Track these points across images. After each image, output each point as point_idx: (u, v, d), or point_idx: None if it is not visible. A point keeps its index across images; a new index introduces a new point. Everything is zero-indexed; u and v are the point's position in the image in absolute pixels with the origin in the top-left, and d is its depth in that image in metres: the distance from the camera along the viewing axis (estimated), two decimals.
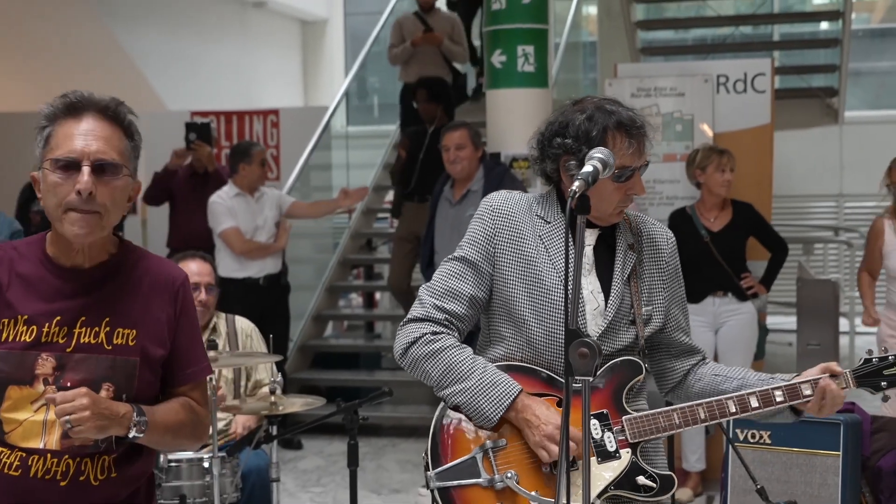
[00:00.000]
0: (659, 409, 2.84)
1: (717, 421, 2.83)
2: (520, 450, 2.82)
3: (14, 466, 2.40)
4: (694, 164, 6.25)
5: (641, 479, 2.81)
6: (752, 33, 11.59)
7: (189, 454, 4.48)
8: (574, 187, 2.45)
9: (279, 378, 4.83)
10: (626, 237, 2.94)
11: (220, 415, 4.53)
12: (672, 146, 6.71)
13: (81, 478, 2.42)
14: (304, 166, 9.75)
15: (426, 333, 2.86)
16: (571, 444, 2.52)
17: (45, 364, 2.40)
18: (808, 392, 2.79)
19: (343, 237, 10.21)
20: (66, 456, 2.40)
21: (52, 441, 2.40)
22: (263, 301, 7.34)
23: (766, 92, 6.83)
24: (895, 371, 2.82)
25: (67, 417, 2.30)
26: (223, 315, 5.10)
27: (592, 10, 12.47)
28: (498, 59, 7.16)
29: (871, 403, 4.56)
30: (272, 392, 4.67)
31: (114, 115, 2.47)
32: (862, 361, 2.87)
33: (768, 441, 4.15)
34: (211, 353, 4.45)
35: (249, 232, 7.41)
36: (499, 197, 2.98)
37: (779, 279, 6.53)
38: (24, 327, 2.41)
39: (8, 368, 2.40)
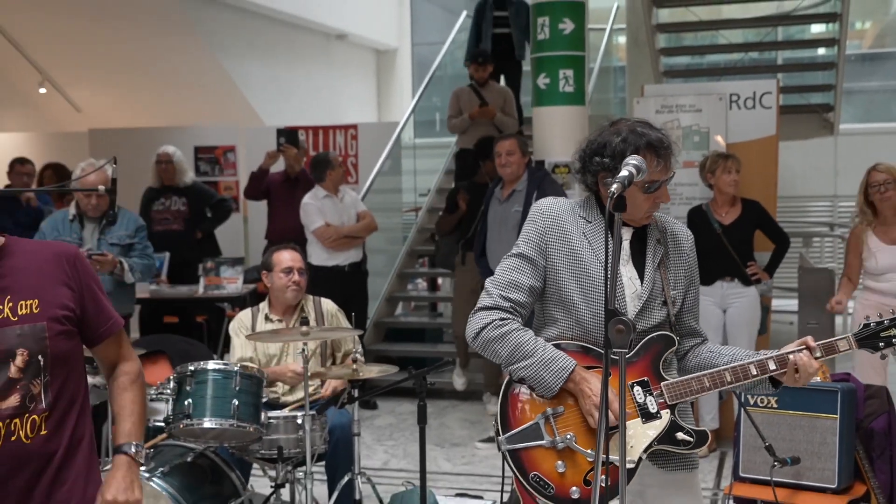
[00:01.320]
0: (691, 375, 2.86)
1: (741, 383, 2.82)
2: (576, 415, 2.84)
3: None
4: (705, 169, 6.30)
5: (680, 435, 2.84)
6: (759, 58, 11.45)
7: (285, 412, 4.51)
8: (612, 189, 2.47)
9: (360, 349, 4.85)
10: (654, 234, 2.97)
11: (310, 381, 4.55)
12: (691, 154, 6.68)
13: (13, 437, 2.32)
14: (378, 172, 9.79)
15: (495, 319, 2.89)
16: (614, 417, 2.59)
17: None
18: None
19: (411, 231, 10.25)
20: None
21: None
22: (348, 285, 7.39)
23: (772, 108, 6.78)
24: (891, 333, 2.80)
25: None
26: (310, 297, 5.13)
27: (622, 39, 12.39)
28: (542, 81, 7.15)
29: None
30: (354, 361, 4.70)
31: None
32: (861, 326, 2.85)
33: (775, 405, 4.11)
34: (303, 328, 4.50)
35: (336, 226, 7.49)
36: (546, 202, 3.00)
37: (782, 268, 6.49)
38: None
39: None
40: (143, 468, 3.88)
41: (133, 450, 2.52)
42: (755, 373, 2.83)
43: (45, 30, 12.50)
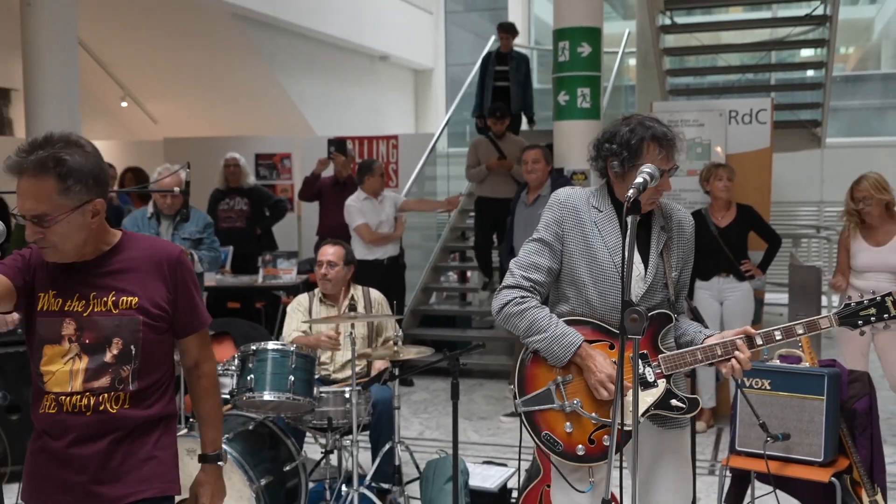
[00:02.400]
0: (685, 349, 2.85)
1: (730, 356, 2.79)
2: (583, 383, 2.85)
3: (51, 406, 2.36)
4: (702, 177, 6.27)
5: (674, 402, 2.84)
6: (754, 79, 11.38)
7: (335, 388, 4.53)
8: (629, 194, 2.46)
9: (400, 333, 4.86)
10: (659, 220, 2.94)
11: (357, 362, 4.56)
12: (693, 164, 6.64)
13: (101, 408, 2.35)
14: (416, 177, 9.82)
15: (516, 297, 2.90)
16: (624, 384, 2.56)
17: (69, 327, 2.36)
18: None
19: (444, 230, 10.25)
20: (88, 393, 2.35)
21: (77, 385, 2.34)
22: (387, 276, 7.39)
23: (767, 123, 6.73)
24: (869, 312, 2.79)
25: None
26: (360, 287, 5.14)
27: (632, 61, 12.35)
28: (562, 98, 7.14)
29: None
30: (395, 343, 4.70)
31: (45, 169, 2.24)
32: (843, 305, 2.83)
33: (768, 387, 4.07)
34: (352, 313, 4.52)
35: (374, 226, 7.47)
36: (564, 192, 2.99)
37: (774, 265, 6.44)
38: (53, 300, 2.38)
39: (43, 332, 2.37)
40: None
41: (220, 462, 2.62)
42: (720, 353, 2.83)
43: (126, 51, 12.62)
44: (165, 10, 11.37)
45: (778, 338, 2.82)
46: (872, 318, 2.80)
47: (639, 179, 2.56)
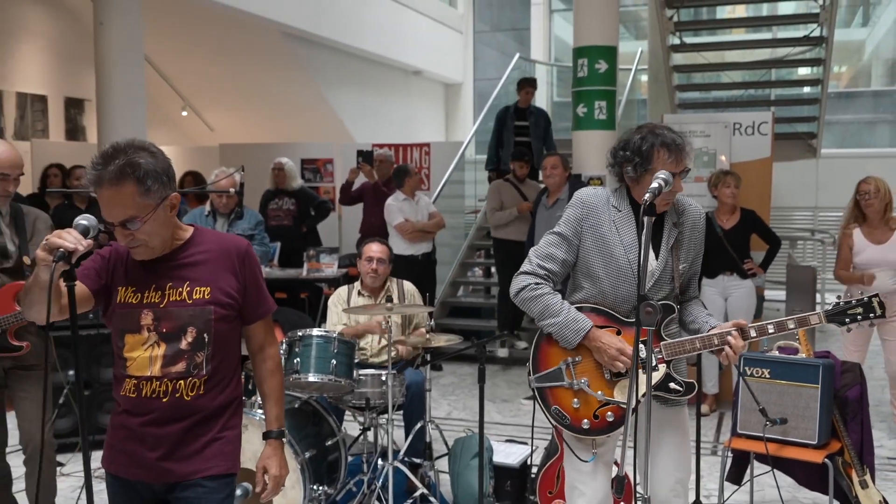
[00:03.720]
0: (686, 338, 2.84)
1: (725, 344, 2.78)
2: (590, 364, 2.87)
3: (132, 389, 2.36)
4: (710, 183, 6.21)
5: (672, 385, 2.84)
6: (755, 94, 11.27)
7: (372, 371, 4.53)
8: (645, 198, 2.46)
9: (431, 323, 4.85)
10: (671, 217, 2.91)
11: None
12: (700, 171, 6.60)
13: (177, 395, 2.35)
14: (446, 181, 9.82)
15: (531, 283, 2.91)
16: (629, 362, 2.69)
17: (147, 316, 2.36)
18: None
19: (471, 229, 10.23)
20: (166, 379, 2.35)
21: (156, 370, 2.34)
22: (420, 271, 7.40)
23: (767, 135, 6.68)
24: (856, 311, 2.78)
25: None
26: (395, 280, 5.14)
27: (644, 77, 12.28)
28: (581, 110, 7.10)
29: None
30: (426, 332, 4.70)
31: (124, 176, 2.23)
32: (832, 305, 2.80)
33: (767, 376, 4.04)
34: (388, 304, 4.52)
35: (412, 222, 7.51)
36: (585, 192, 2.98)
37: (773, 265, 6.37)
38: (132, 293, 2.37)
39: (124, 322, 2.37)
40: (259, 411, 3.93)
41: (283, 438, 2.61)
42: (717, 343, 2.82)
43: (187, 66, 12.72)
44: (222, 29, 11.45)
45: (771, 331, 2.81)
46: (859, 317, 2.79)
47: (654, 185, 2.56)
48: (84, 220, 2.20)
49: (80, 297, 2.31)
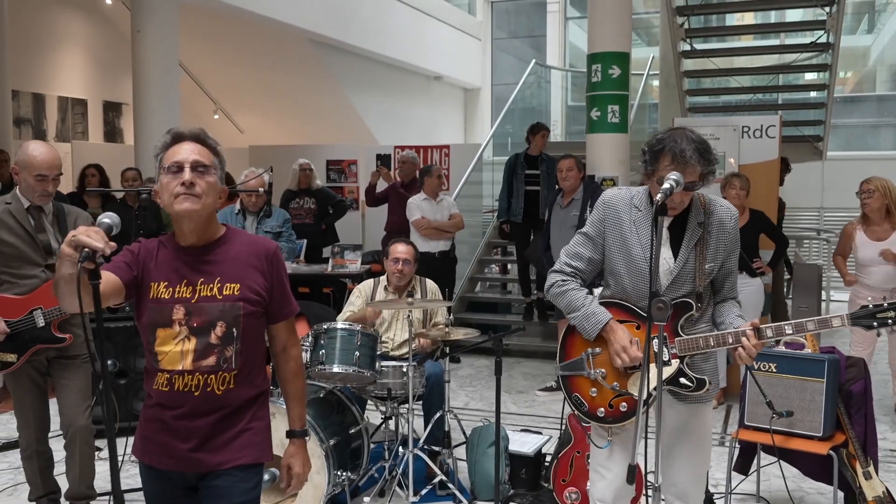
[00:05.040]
0: (700, 335, 2.79)
1: (739, 344, 2.70)
2: (608, 356, 2.86)
3: (164, 384, 2.34)
4: (721, 185, 6.18)
5: (683, 380, 2.81)
6: (763, 98, 11.19)
7: (394, 363, 4.54)
8: (657, 199, 2.44)
9: (450, 317, 4.84)
10: (697, 216, 2.83)
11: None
12: None
13: (209, 389, 2.34)
14: (464, 182, 9.80)
15: (558, 280, 2.95)
16: (639, 355, 2.70)
17: (179, 311, 2.33)
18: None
19: (488, 228, 10.20)
20: (197, 373, 2.33)
21: (188, 364, 2.32)
22: (436, 268, 7.38)
23: (775, 138, 6.63)
24: (886, 315, 2.67)
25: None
26: (418, 277, 5.13)
27: (655, 82, 12.21)
28: (594, 113, 7.06)
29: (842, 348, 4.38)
30: (446, 326, 4.70)
31: (202, 141, 2.39)
32: (860, 307, 2.71)
33: (774, 370, 4.01)
34: (409, 299, 4.52)
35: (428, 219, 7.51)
36: (610, 194, 2.94)
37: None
38: (164, 288, 2.34)
39: (156, 316, 2.34)
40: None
41: (306, 437, 2.62)
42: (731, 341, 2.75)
43: (219, 71, 12.78)
44: (252, 37, 11.50)
45: (788, 332, 2.72)
46: (890, 321, 2.65)
47: (665, 185, 2.52)
48: (107, 218, 2.16)
49: (112, 289, 2.30)
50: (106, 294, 2.26)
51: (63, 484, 4.07)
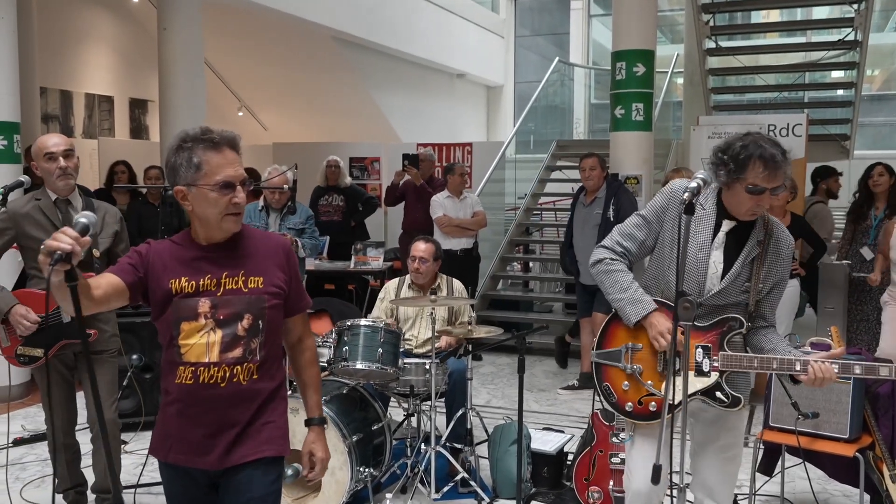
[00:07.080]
0: (746, 354, 2.73)
1: (785, 372, 2.65)
2: (648, 354, 2.83)
3: (188, 377, 2.32)
4: None
5: (718, 395, 2.77)
6: (789, 97, 11.08)
7: (417, 360, 4.53)
8: (684, 197, 2.41)
9: (474, 315, 4.83)
10: (758, 234, 2.78)
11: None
12: None
13: (235, 380, 2.33)
14: (487, 180, 9.78)
15: (606, 258, 2.91)
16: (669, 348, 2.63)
17: (204, 305, 2.33)
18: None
19: (511, 226, 10.18)
20: (224, 365, 2.33)
21: (214, 356, 2.32)
22: (458, 265, 7.37)
23: (802, 137, 6.56)
24: None
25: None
26: (445, 276, 5.12)
27: (680, 80, 12.12)
28: (618, 111, 7.01)
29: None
30: (469, 323, 4.69)
31: (235, 147, 2.35)
32: None
33: None
34: (433, 297, 4.52)
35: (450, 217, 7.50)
36: (678, 183, 2.85)
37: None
38: (186, 283, 2.33)
39: (181, 311, 2.33)
40: None
41: (325, 424, 2.62)
42: (798, 368, 2.65)
43: (243, 68, 12.85)
44: (277, 35, 11.54)
45: (857, 371, 2.65)
46: None
47: (692, 184, 2.50)
48: (84, 217, 2.14)
49: (115, 291, 2.31)
50: (107, 296, 2.27)
51: (90, 477, 4.11)
